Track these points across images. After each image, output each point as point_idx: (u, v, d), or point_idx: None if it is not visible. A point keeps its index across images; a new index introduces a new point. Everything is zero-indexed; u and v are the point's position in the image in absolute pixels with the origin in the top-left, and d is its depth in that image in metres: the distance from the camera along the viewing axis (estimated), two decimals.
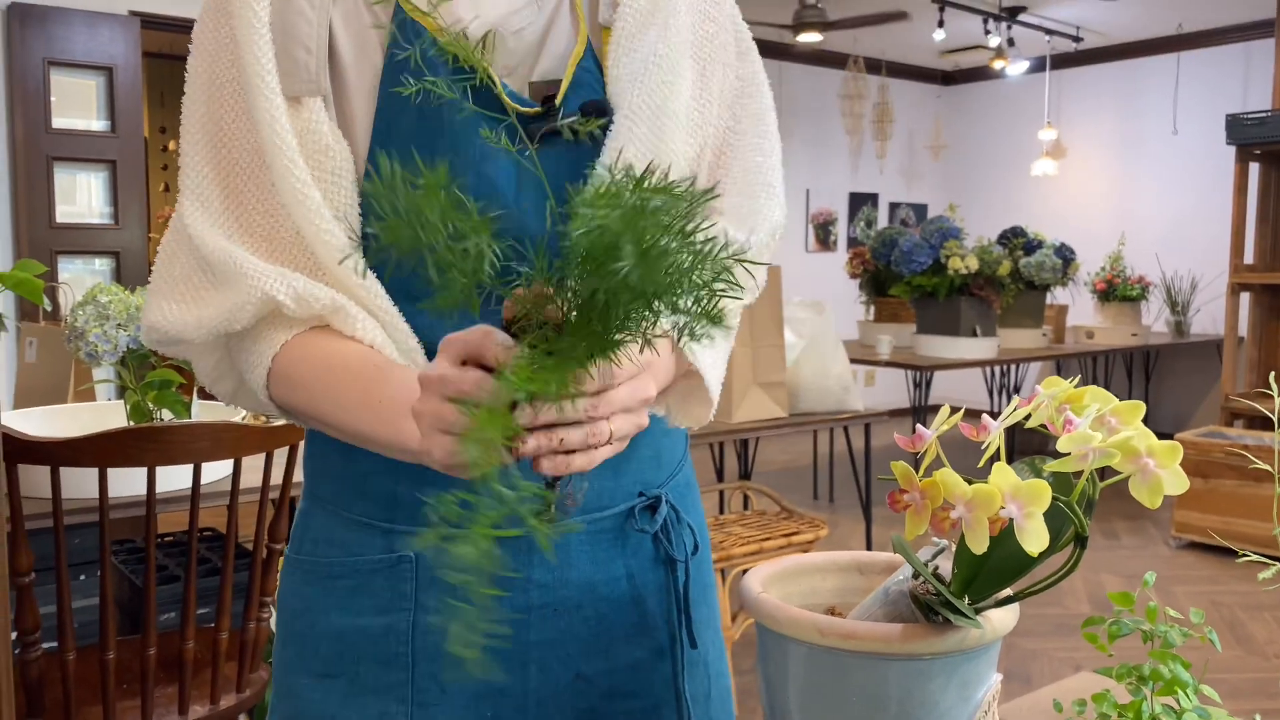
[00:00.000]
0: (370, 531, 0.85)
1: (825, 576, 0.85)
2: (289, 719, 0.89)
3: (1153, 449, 0.66)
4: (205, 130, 0.83)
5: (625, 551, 0.89)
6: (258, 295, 0.78)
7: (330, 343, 0.80)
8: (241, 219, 0.82)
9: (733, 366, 3.10)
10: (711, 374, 0.85)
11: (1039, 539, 0.63)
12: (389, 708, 0.84)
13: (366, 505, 0.86)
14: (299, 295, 0.78)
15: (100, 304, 1.96)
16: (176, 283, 0.84)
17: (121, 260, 4.70)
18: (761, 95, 0.95)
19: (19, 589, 1.66)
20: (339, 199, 0.80)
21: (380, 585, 0.85)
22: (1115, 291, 6.12)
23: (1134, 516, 5.22)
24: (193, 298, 0.83)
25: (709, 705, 0.94)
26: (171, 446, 1.62)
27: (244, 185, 0.82)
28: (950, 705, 0.70)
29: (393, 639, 0.84)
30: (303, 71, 0.80)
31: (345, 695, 0.85)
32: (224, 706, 1.82)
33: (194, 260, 0.83)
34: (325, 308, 0.79)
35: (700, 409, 0.88)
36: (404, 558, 0.84)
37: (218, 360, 0.88)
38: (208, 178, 0.83)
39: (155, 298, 0.85)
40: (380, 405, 0.75)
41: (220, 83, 0.82)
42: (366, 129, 0.82)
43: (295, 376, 0.80)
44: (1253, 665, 3.34)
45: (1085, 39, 7.15)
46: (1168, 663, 0.71)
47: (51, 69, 4.47)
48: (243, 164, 0.82)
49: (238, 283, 0.79)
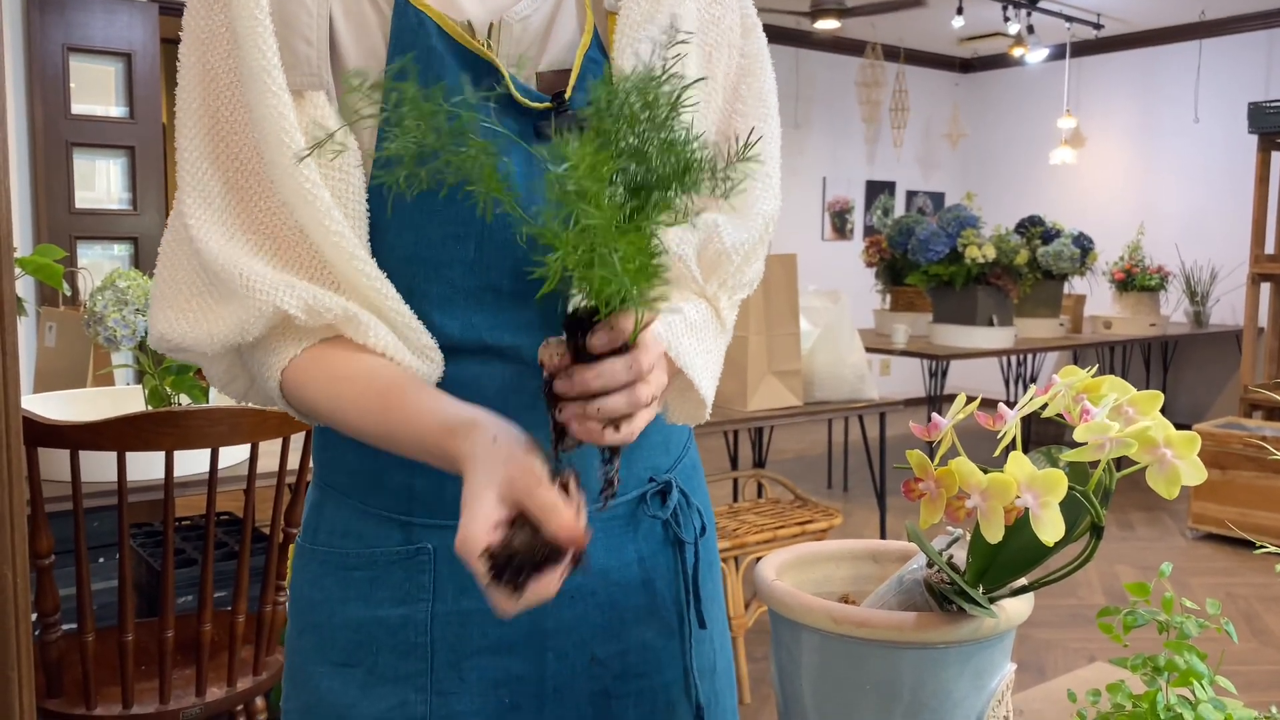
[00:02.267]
0: (388, 524, 0.85)
1: (839, 565, 0.85)
2: (306, 708, 0.89)
3: (1170, 439, 0.65)
4: (202, 124, 0.80)
5: (637, 536, 0.90)
6: (269, 310, 0.77)
7: (340, 363, 0.78)
8: (244, 215, 0.80)
9: (748, 354, 3.09)
10: (701, 375, 0.84)
11: (1054, 529, 0.62)
12: (408, 696, 0.85)
13: (384, 498, 0.86)
14: (309, 306, 0.77)
15: (119, 289, 1.98)
16: (182, 290, 0.82)
17: (140, 246, 4.72)
18: (765, 74, 0.94)
19: (39, 571, 1.67)
20: (347, 194, 0.78)
21: (398, 576, 0.85)
22: (1134, 281, 6.08)
23: (1150, 508, 5.20)
24: (200, 311, 0.81)
25: (714, 678, 0.95)
26: (189, 431, 1.64)
27: (246, 180, 0.80)
28: (964, 694, 0.70)
29: (411, 629, 0.85)
30: (304, 65, 0.78)
31: (364, 685, 0.86)
32: (241, 689, 1.84)
33: (197, 268, 0.81)
34: (337, 318, 0.77)
35: (694, 409, 0.88)
36: (422, 549, 0.85)
37: (229, 365, 0.86)
38: (207, 173, 0.80)
39: (161, 306, 0.83)
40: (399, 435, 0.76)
41: (215, 74, 0.80)
42: (371, 122, 0.79)
43: (308, 395, 0.80)
44: (1269, 658, 3.32)
45: (1106, 26, 7.08)
46: (1183, 654, 0.71)
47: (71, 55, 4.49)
48: (243, 158, 0.80)
49: (246, 298, 0.77)
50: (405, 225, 0.80)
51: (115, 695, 1.75)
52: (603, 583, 0.88)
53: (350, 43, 0.80)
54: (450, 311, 0.81)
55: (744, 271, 0.91)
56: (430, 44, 0.79)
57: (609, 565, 0.88)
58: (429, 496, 0.84)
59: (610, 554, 0.88)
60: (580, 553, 0.66)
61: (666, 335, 0.82)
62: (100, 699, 1.74)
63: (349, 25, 0.80)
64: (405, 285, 0.80)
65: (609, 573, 0.88)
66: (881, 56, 7.11)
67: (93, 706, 1.72)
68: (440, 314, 0.81)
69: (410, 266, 0.80)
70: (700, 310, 0.87)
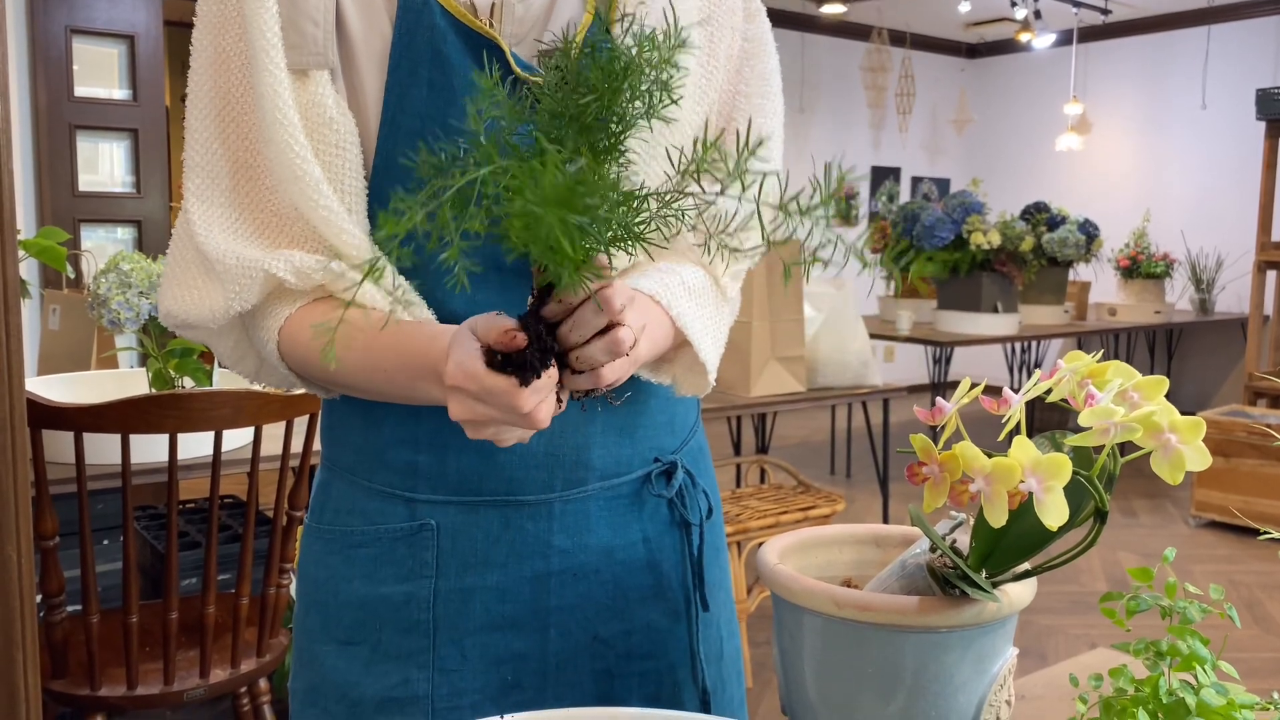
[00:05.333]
0: (392, 501, 0.86)
1: (842, 549, 0.85)
2: (312, 687, 0.90)
3: (1175, 425, 0.65)
4: (213, 105, 0.83)
5: (642, 516, 0.90)
6: (260, 276, 0.80)
7: (330, 311, 0.81)
8: (251, 194, 0.83)
9: (751, 340, 3.09)
10: (701, 337, 0.85)
11: (1058, 513, 0.62)
12: (410, 674, 0.85)
13: (388, 475, 0.86)
14: (298, 269, 0.80)
15: (123, 272, 1.98)
16: (190, 269, 0.85)
17: (143, 229, 4.72)
18: (768, 56, 0.94)
19: (44, 552, 1.68)
20: (342, 171, 0.80)
21: (402, 553, 0.86)
22: (1139, 268, 6.06)
23: (1153, 495, 5.20)
24: (205, 288, 0.84)
25: (721, 665, 0.96)
26: (193, 413, 1.64)
27: (253, 159, 0.82)
28: (966, 678, 0.70)
29: (414, 606, 0.85)
30: (310, 44, 0.80)
31: (368, 662, 0.86)
32: (244, 670, 1.84)
33: (198, 252, 0.84)
34: (325, 277, 0.80)
35: (697, 378, 0.88)
36: (425, 526, 0.85)
37: (236, 341, 0.88)
38: (217, 152, 0.83)
39: (169, 284, 0.86)
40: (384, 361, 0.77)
41: (227, 56, 0.82)
42: (377, 100, 0.81)
43: (300, 348, 0.82)
44: (1270, 645, 3.33)
45: (1114, 11, 7.04)
46: (1186, 638, 0.71)
47: (74, 37, 4.48)
48: (251, 137, 0.82)
49: (239, 273, 0.80)
50: None
51: (120, 676, 1.75)
52: (607, 561, 0.88)
53: (356, 22, 0.82)
54: (453, 287, 0.82)
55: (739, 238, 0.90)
56: (434, 22, 0.80)
57: (614, 544, 0.88)
58: (431, 471, 0.85)
59: (616, 532, 0.88)
60: None
61: (665, 295, 0.81)
62: (105, 680, 1.75)
63: (355, 5, 0.82)
64: (409, 263, 0.80)
65: (614, 551, 0.88)
66: (887, 41, 7.07)
67: (97, 687, 1.73)
68: (444, 290, 0.82)
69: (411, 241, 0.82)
70: (698, 276, 0.87)
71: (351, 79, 0.82)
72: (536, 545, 0.86)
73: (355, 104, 0.82)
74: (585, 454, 0.86)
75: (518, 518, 0.85)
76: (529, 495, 0.85)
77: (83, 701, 1.73)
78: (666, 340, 0.83)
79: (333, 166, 0.80)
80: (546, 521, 0.85)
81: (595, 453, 0.86)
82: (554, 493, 0.85)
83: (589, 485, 0.86)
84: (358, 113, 0.81)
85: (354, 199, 0.81)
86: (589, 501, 0.87)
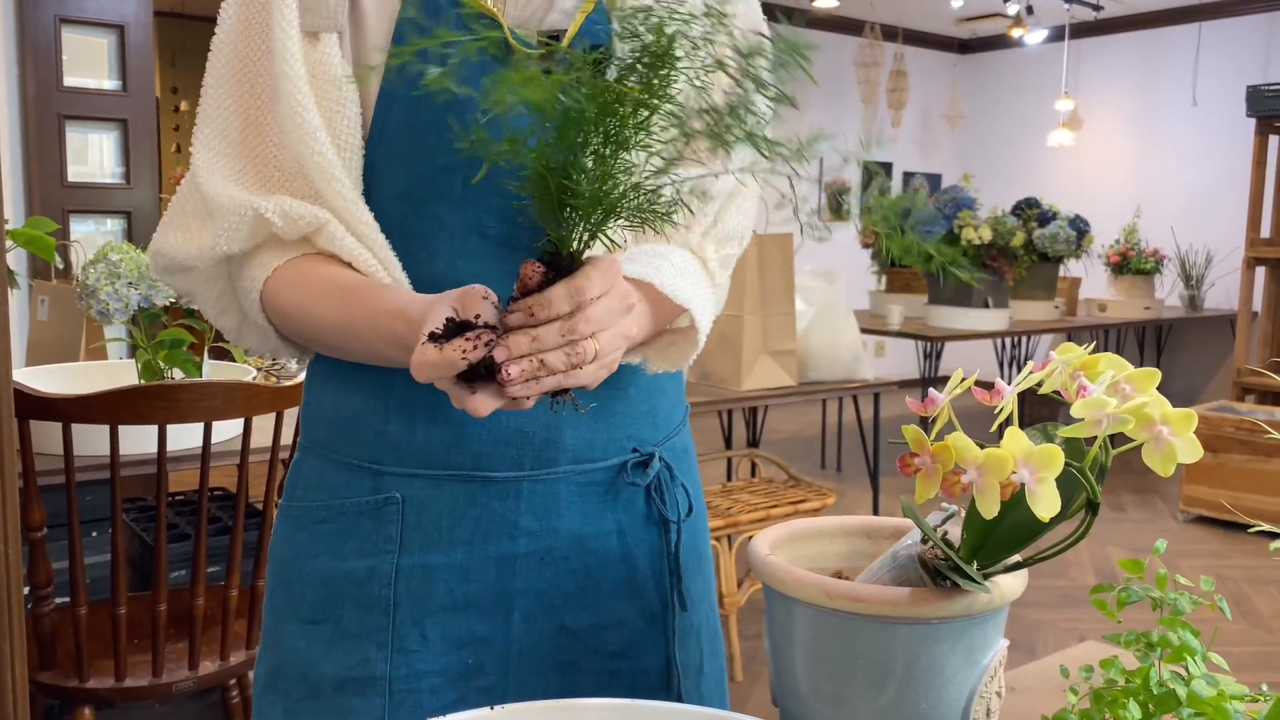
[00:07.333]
0: (359, 473, 0.86)
1: (833, 540, 0.85)
2: (273, 669, 0.89)
3: (1167, 416, 0.65)
4: (231, 65, 0.87)
5: (616, 507, 0.89)
6: (249, 214, 0.82)
7: (311, 268, 0.84)
8: (257, 149, 0.86)
9: (743, 334, 3.09)
10: (702, 316, 0.85)
11: (1050, 504, 0.62)
12: (369, 653, 0.85)
13: (356, 447, 0.87)
14: (286, 213, 0.82)
15: (111, 262, 1.96)
16: (185, 214, 0.89)
17: (133, 220, 4.69)
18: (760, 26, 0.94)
19: (31, 543, 1.67)
20: (341, 128, 0.83)
21: (367, 528, 0.86)
22: (1129, 264, 6.08)
23: (1142, 490, 5.22)
24: (198, 231, 0.87)
25: (701, 679, 0.94)
26: (182, 405, 1.63)
27: (263, 118, 0.86)
28: (957, 669, 0.70)
29: (375, 582, 0.85)
30: (324, 8, 0.83)
31: (329, 641, 0.86)
32: (233, 662, 1.84)
33: (199, 197, 0.87)
34: (309, 224, 0.82)
35: (686, 349, 0.87)
36: (390, 499, 0.85)
37: (220, 291, 0.91)
38: (228, 108, 0.86)
39: (164, 227, 0.90)
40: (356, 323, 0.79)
41: (251, 24, 0.87)
42: (379, 69, 0.84)
43: (280, 300, 0.84)
44: (1257, 639, 3.35)
45: (1105, 7, 7.05)
46: (1176, 630, 0.71)
47: (63, 26, 4.45)
48: (264, 98, 0.86)
49: (231, 209, 0.83)
50: (396, 163, 0.84)
51: (108, 668, 1.75)
52: (578, 549, 0.87)
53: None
54: (435, 250, 0.84)
55: (725, 220, 0.90)
56: (440, 3, 0.83)
57: (585, 532, 0.87)
58: (400, 441, 0.85)
59: (587, 520, 0.87)
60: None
61: (654, 276, 0.81)
62: (93, 671, 1.74)
63: None
64: (396, 222, 0.84)
65: (584, 540, 0.87)
66: (880, 36, 7.07)
67: (85, 679, 1.72)
68: (426, 253, 0.83)
69: (400, 204, 0.84)
70: (686, 259, 0.86)
71: (360, 48, 0.85)
72: (503, 525, 0.85)
73: (358, 70, 0.85)
74: (556, 434, 0.85)
75: (484, 495, 0.84)
76: (496, 472, 0.84)
77: (71, 693, 1.72)
78: (657, 321, 0.83)
79: (333, 124, 0.83)
80: (514, 500, 0.85)
81: (567, 433, 0.86)
82: (522, 470, 0.84)
83: (559, 467, 0.86)
84: (360, 79, 0.85)
85: (350, 155, 0.84)
86: (559, 484, 0.86)
